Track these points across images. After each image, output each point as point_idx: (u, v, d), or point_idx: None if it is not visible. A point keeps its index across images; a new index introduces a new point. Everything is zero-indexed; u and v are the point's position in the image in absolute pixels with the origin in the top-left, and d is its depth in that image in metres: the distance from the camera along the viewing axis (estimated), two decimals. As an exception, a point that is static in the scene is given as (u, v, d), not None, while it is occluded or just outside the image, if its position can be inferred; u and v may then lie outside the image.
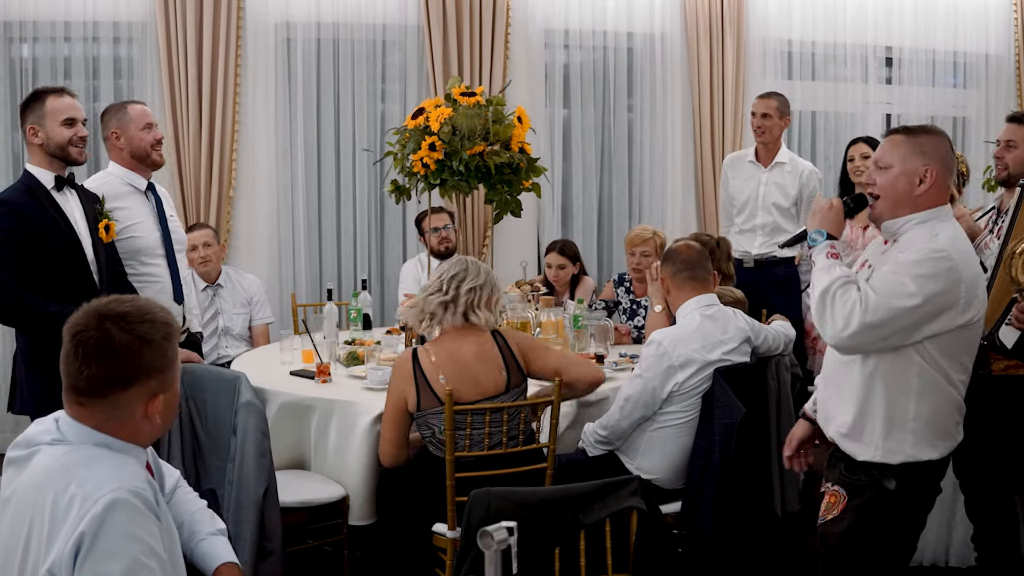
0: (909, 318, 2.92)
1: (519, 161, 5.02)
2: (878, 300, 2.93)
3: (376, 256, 7.32)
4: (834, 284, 3.02)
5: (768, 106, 6.33)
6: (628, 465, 4.20)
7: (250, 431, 3.79)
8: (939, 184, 3.07)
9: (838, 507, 3.12)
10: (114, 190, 4.46)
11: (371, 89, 7.17)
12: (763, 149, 6.46)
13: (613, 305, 5.94)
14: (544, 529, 2.57)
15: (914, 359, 3.00)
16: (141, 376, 2.22)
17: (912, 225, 3.08)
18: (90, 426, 2.23)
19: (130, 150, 4.52)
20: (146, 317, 2.24)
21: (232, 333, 6.22)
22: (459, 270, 4.00)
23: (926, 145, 3.08)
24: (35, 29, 6.55)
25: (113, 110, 4.60)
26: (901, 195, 3.07)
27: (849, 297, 2.98)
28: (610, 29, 7.50)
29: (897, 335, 2.96)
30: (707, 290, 4.35)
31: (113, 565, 2.03)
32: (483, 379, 3.93)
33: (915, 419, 3.01)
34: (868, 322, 2.93)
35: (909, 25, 7.91)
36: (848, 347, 3.04)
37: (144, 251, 4.49)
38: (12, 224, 3.93)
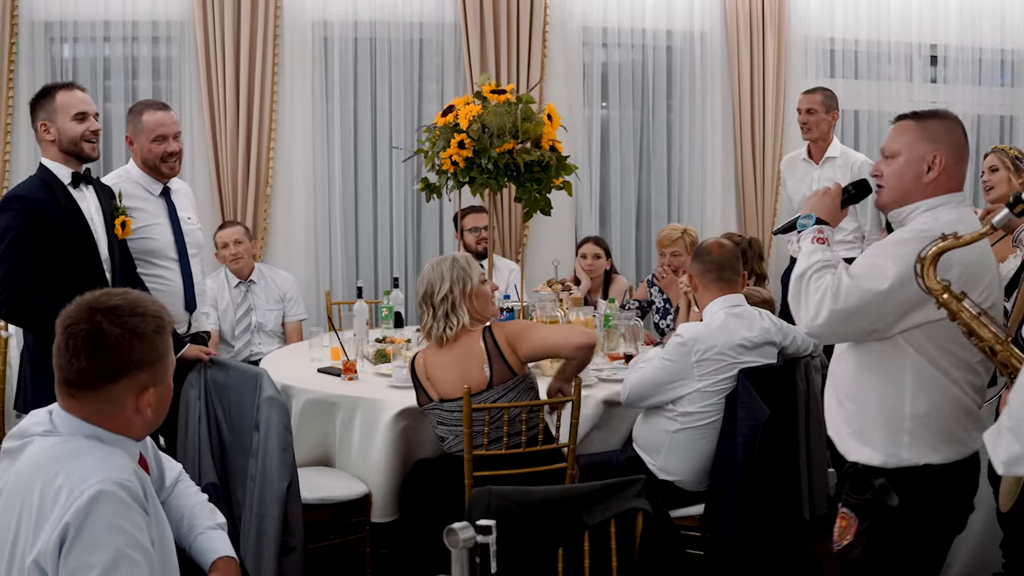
0: (886, 303, 2.76)
1: (549, 159, 4.99)
2: (851, 284, 2.78)
3: (412, 254, 7.32)
4: (810, 269, 2.88)
5: (813, 101, 6.26)
6: (651, 466, 4.16)
7: (273, 425, 3.80)
8: (948, 171, 2.90)
9: (850, 532, 2.95)
10: (129, 190, 4.42)
11: (408, 87, 7.16)
12: (813, 146, 6.40)
13: (647, 305, 5.90)
14: (545, 529, 2.54)
15: (906, 350, 2.82)
16: (131, 369, 2.22)
17: (919, 212, 2.92)
18: (81, 418, 2.24)
19: (141, 157, 4.49)
20: (136, 311, 2.24)
21: (265, 330, 6.24)
22: (424, 288, 4.04)
23: (936, 130, 2.92)
24: (75, 29, 6.62)
25: (132, 113, 4.53)
26: (909, 183, 2.92)
27: (823, 282, 2.82)
28: (649, 27, 7.43)
29: (876, 322, 2.80)
30: (734, 290, 4.30)
31: (97, 556, 2.03)
32: (467, 377, 3.93)
33: (912, 417, 2.83)
34: (839, 308, 2.78)
35: (955, 22, 7.75)
36: (821, 335, 2.92)
37: (155, 252, 4.47)
38: (25, 221, 3.87)
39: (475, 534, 1.75)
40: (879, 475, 2.87)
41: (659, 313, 5.86)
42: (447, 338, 3.98)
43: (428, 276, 4.04)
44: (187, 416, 4.14)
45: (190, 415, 4.14)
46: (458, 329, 3.97)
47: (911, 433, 2.84)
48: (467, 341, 3.99)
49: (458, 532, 1.75)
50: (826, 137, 6.35)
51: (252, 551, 3.76)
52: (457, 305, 3.98)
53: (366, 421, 4.28)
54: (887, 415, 2.86)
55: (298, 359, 5.15)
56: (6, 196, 3.99)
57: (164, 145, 4.45)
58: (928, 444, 2.84)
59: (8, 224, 3.87)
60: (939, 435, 2.84)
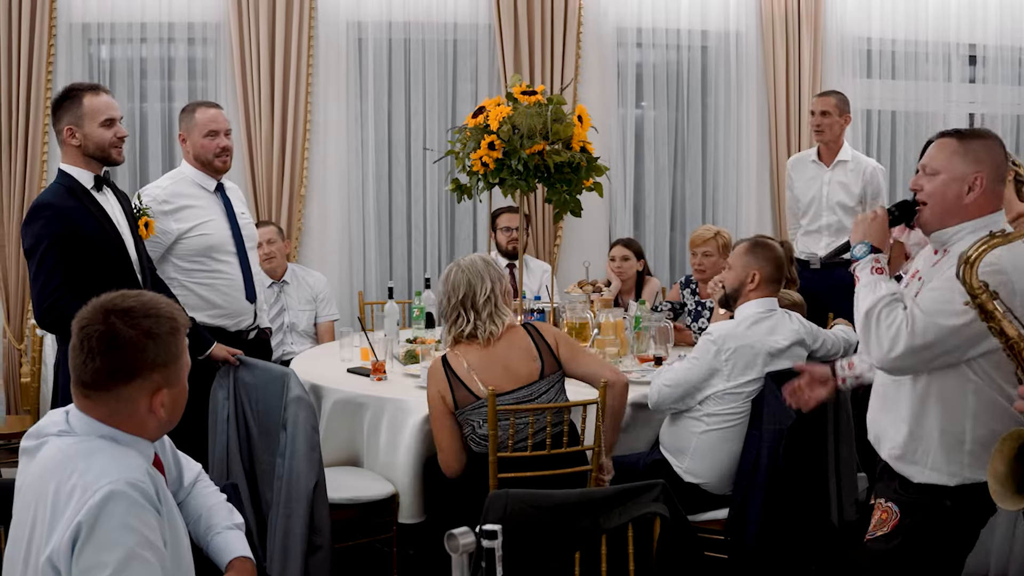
0: (959, 337, 2.78)
1: (579, 160, 4.98)
2: (926, 320, 2.79)
3: (447, 255, 7.32)
4: (879, 303, 2.88)
5: (827, 103, 6.23)
6: (677, 468, 4.15)
7: (300, 425, 3.83)
8: (989, 191, 2.92)
9: (889, 524, 2.97)
10: (184, 189, 4.55)
11: (442, 88, 7.17)
12: (824, 148, 6.35)
13: (679, 307, 5.88)
14: (562, 533, 2.53)
15: (969, 377, 2.85)
16: (144, 370, 2.24)
17: (964, 235, 2.91)
18: (96, 419, 2.26)
19: (194, 154, 4.59)
20: (150, 312, 2.26)
21: (297, 330, 6.27)
22: (463, 292, 3.93)
23: (979, 150, 2.92)
24: (112, 30, 6.68)
25: (185, 112, 4.66)
26: (950, 203, 2.93)
27: (895, 318, 2.83)
28: (684, 27, 7.40)
29: (948, 354, 2.82)
30: (775, 294, 4.27)
31: (108, 555, 2.05)
32: (516, 367, 3.91)
33: (972, 441, 2.85)
34: (915, 344, 2.79)
35: (994, 21, 7.65)
36: (895, 369, 2.91)
37: (216, 248, 4.55)
38: (57, 228, 3.84)
39: (475, 539, 1.75)
40: (942, 492, 2.90)
41: (691, 316, 5.83)
42: (495, 336, 3.93)
43: (465, 279, 3.94)
44: (216, 416, 4.18)
45: (219, 415, 4.18)
46: (504, 326, 3.94)
47: (972, 454, 2.86)
48: (511, 336, 3.96)
49: (458, 537, 1.75)
50: (838, 140, 6.32)
51: (278, 550, 3.78)
52: (500, 302, 3.95)
53: (394, 422, 4.29)
54: (948, 440, 2.88)
55: (328, 359, 5.18)
56: (35, 204, 3.93)
57: (216, 140, 4.57)
58: (985, 463, 2.79)
59: (40, 233, 3.84)
60: None
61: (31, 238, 3.87)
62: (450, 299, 3.95)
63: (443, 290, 3.99)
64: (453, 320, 3.96)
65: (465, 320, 3.93)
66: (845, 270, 6.01)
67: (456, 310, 3.95)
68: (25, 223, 3.91)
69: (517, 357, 3.93)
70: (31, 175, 6.46)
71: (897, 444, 3.00)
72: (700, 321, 5.74)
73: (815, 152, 6.42)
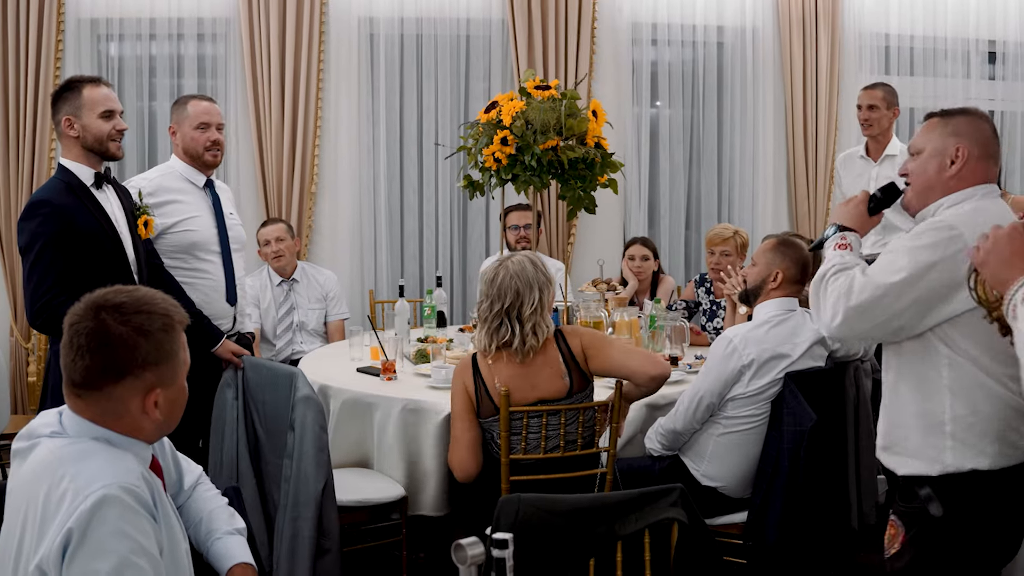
0: (904, 297, 2.65)
1: (594, 156, 4.89)
2: (864, 280, 2.69)
3: (459, 253, 7.26)
4: (829, 271, 2.80)
5: (874, 97, 6.10)
6: (694, 472, 4.05)
7: (308, 425, 3.75)
8: (972, 165, 2.81)
9: (898, 540, 2.83)
10: (171, 183, 4.44)
11: (454, 84, 7.10)
12: (872, 143, 6.24)
13: (694, 306, 5.79)
14: (576, 539, 2.44)
15: (940, 349, 2.71)
16: (135, 368, 2.15)
17: (943, 209, 2.81)
18: (88, 419, 2.17)
19: (183, 147, 4.47)
20: (142, 308, 2.17)
21: (307, 328, 6.21)
22: (510, 300, 3.72)
23: (961, 124, 2.83)
24: (121, 26, 6.63)
25: (177, 104, 4.55)
26: (932, 178, 2.84)
27: (838, 283, 2.74)
28: (699, 23, 7.32)
29: (898, 318, 2.68)
30: (796, 295, 4.17)
31: (101, 563, 1.96)
32: (542, 383, 3.76)
33: (952, 420, 2.70)
34: (852, 305, 2.68)
35: (1014, 18, 7.56)
36: (840, 336, 2.85)
37: (199, 245, 4.43)
38: (54, 227, 3.76)
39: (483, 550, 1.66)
40: (924, 484, 2.75)
41: (706, 315, 5.75)
42: (534, 350, 3.74)
43: (513, 287, 3.72)
44: (223, 416, 4.11)
45: (227, 415, 4.11)
46: (544, 338, 3.76)
47: (953, 436, 2.71)
48: (545, 349, 3.79)
49: (465, 548, 1.66)
50: (887, 134, 6.19)
51: (286, 553, 3.71)
52: (545, 312, 3.77)
53: (404, 422, 4.20)
54: (925, 421, 2.75)
55: (338, 358, 5.10)
56: (33, 201, 3.83)
57: (207, 133, 4.45)
58: (974, 447, 2.70)
59: (36, 231, 3.76)
60: (985, 437, 2.69)
61: (27, 235, 3.79)
62: (493, 305, 3.74)
63: (487, 292, 3.77)
64: (494, 328, 3.75)
65: (508, 331, 3.73)
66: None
67: (499, 318, 3.73)
68: (22, 219, 3.83)
69: (547, 376, 3.77)
70: (38, 172, 6.40)
71: (880, 433, 2.90)
72: (715, 320, 5.66)
73: (863, 148, 6.30)
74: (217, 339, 4.17)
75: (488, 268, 3.85)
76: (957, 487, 2.71)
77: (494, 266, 3.82)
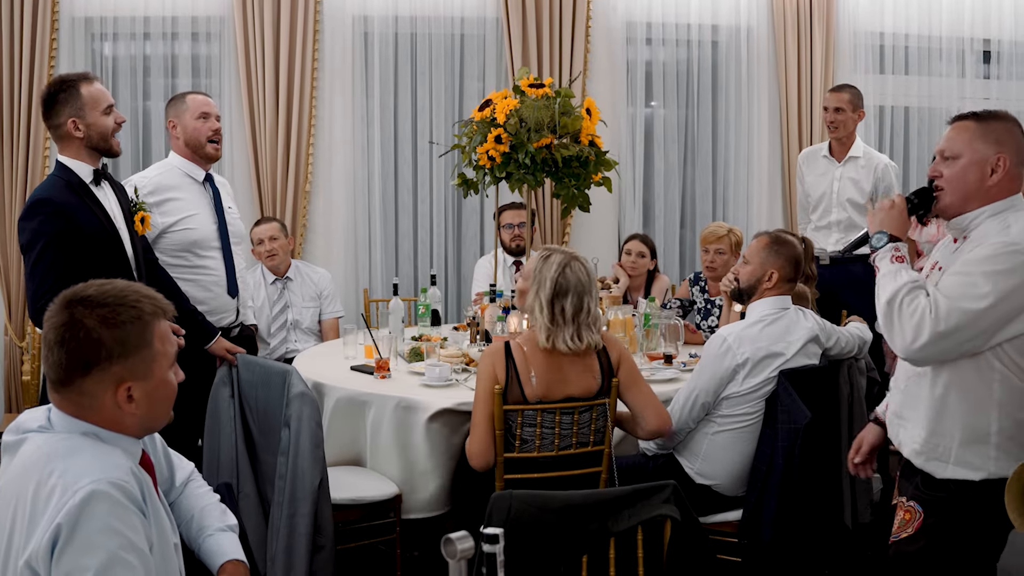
0: (984, 321, 2.68)
1: (588, 154, 4.89)
2: (949, 305, 2.68)
3: (453, 252, 7.25)
4: (900, 291, 2.78)
5: (840, 100, 6.17)
6: (688, 470, 4.05)
7: (304, 422, 3.73)
8: (1011, 173, 2.83)
9: (913, 525, 2.87)
10: (171, 180, 4.46)
11: (448, 83, 7.09)
12: (837, 144, 6.30)
13: (688, 304, 5.79)
14: (568, 536, 2.44)
15: (994, 365, 2.74)
16: (101, 361, 2.12)
17: (984, 219, 2.83)
18: (71, 415, 2.16)
19: (185, 139, 4.49)
20: (109, 300, 2.14)
21: (301, 327, 6.20)
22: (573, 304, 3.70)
23: (999, 131, 2.83)
24: (115, 25, 6.61)
25: (174, 100, 4.58)
26: (972, 187, 2.83)
27: (917, 305, 2.73)
28: (694, 22, 7.31)
29: (973, 341, 2.71)
30: (789, 292, 4.17)
31: (89, 559, 1.95)
32: (573, 381, 3.77)
33: (998, 432, 2.75)
34: (940, 331, 2.68)
35: (1009, 17, 7.56)
36: (921, 359, 2.79)
37: (200, 243, 4.45)
38: (57, 226, 3.76)
39: (473, 545, 1.65)
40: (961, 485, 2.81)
41: (701, 313, 5.74)
42: (576, 352, 3.75)
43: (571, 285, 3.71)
44: (218, 415, 4.10)
45: (222, 413, 4.10)
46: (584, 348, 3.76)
47: (998, 447, 2.77)
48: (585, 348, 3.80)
49: (455, 542, 1.65)
50: (851, 136, 6.26)
51: (282, 549, 3.69)
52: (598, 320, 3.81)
53: (398, 420, 4.20)
54: (972, 433, 2.79)
55: (332, 357, 5.09)
56: (34, 199, 3.82)
57: (209, 122, 4.49)
58: (1014, 456, 2.76)
59: (38, 230, 3.75)
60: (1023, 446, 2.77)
61: (28, 234, 3.77)
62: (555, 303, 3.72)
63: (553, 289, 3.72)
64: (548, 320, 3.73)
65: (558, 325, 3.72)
66: (855, 266, 6.00)
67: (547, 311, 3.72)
68: (23, 218, 3.81)
69: (579, 372, 3.78)
70: (32, 172, 6.39)
71: (918, 440, 2.89)
72: (710, 319, 5.65)
73: (827, 147, 6.36)
74: (211, 336, 4.16)
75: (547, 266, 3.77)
76: (996, 489, 2.74)
77: (557, 267, 3.75)
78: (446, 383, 4.39)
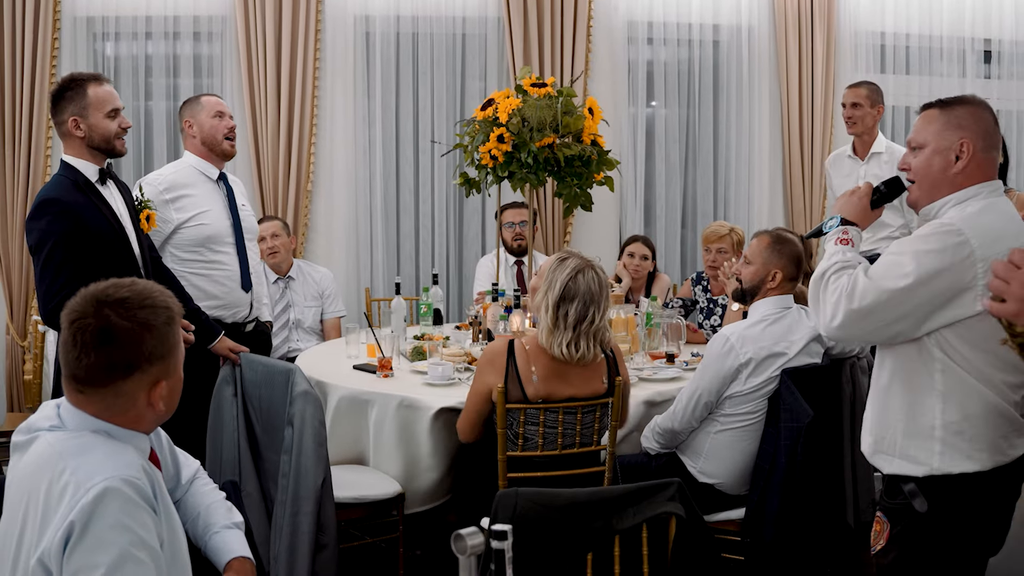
0: (907, 302, 2.60)
1: (590, 154, 4.90)
2: (867, 283, 2.63)
3: (454, 251, 7.26)
4: (829, 270, 2.74)
5: (858, 95, 6.11)
6: (691, 468, 4.06)
7: (308, 420, 3.73)
8: (979, 159, 2.73)
9: (883, 536, 2.81)
10: (186, 178, 4.53)
11: (450, 83, 7.10)
12: (858, 142, 6.24)
13: (691, 304, 5.80)
14: (573, 533, 2.44)
15: (934, 354, 2.66)
16: (143, 364, 2.14)
17: (949, 207, 2.75)
18: (90, 413, 2.17)
19: (201, 137, 4.57)
20: (146, 302, 2.16)
21: (303, 326, 6.20)
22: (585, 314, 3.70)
23: (963, 117, 2.74)
24: (117, 24, 6.62)
25: (188, 102, 4.67)
26: (937, 175, 2.75)
27: (840, 284, 2.69)
28: (695, 22, 7.32)
29: (898, 323, 2.64)
30: (792, 292, 4.17)
31: (101, 556, 1.96)
32: (577, 382, 3.78)
33: (942, 426, 2.67)
34: (855, 308, 2.63)
35: (1009, 16, 7.57)
36: (839, 337, 2.77)
37: (214, 239, 4.51)
38: (66, 225, 3.74)
39: (483, 540, 1.65)
40: (908, 481, 2.73)
41: (703, 313, 5.75)
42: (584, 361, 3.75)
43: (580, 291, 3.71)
44: (221, 413, 4.09)
45: (224, 412, 4.09)
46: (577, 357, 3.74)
47: (943, 442, 2.68)
48: None
49: (465, 538, 1.65)
50: (871, 132, 6.20)
51: (285, 548, 3.69)
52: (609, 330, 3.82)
53: (401, 419, 4.21)
54: (914, 424, 2.72)
55: (334, 356, 5.09)
56: (41, 199, 3.80)
57: (224, 120, 4.59)
58: (962, 453, 2.67)
59: (47, 229, 3.74)
60: (974, 443, 2.67)
61: (37, 234, 3.76)
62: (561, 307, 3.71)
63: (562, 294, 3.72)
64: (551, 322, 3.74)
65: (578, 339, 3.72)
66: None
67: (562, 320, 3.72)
68: (31, 218, 3.79)
69: (586, 377, 3.79)
70: (34, 172, 6.40)
71: (868, 430, 2.86)
72: (712, 318, 5.66)
73: (850, 147, 6.31)
74: (215, 335, 4.17)
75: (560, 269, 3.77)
76: (942, 487, 2.69)
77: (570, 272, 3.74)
78: (448, 382, 4.40)
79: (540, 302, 3.78)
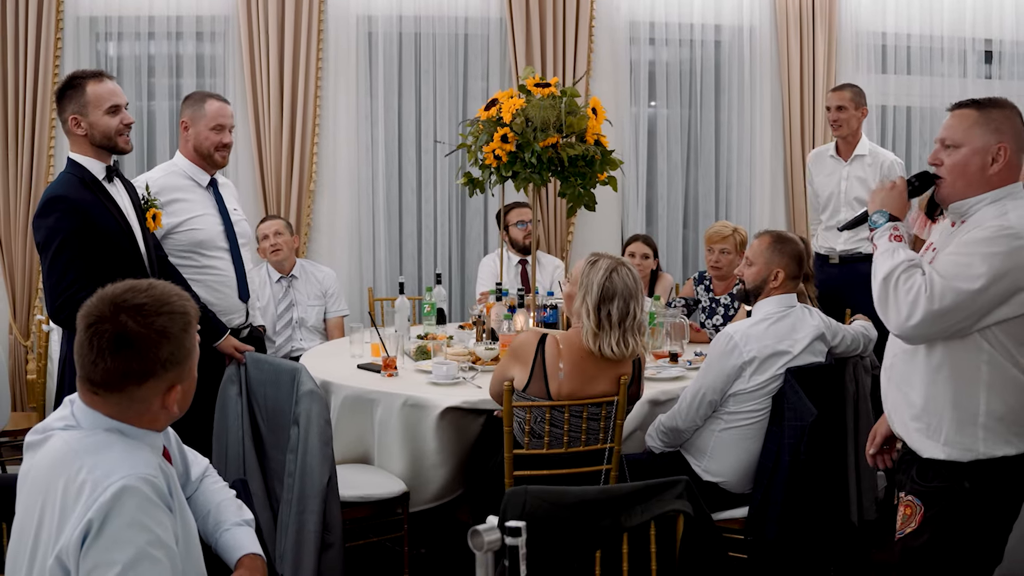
0: (977, 302, 2.71)
1: (594, 153, 4.91)
2: (944, 284, 2.72)
3: (457, 251, 7.27)
4: (897, 269, 2.80)
5: (842, 98, 6.17)
6: (695, 467, 4.07)
7: (314, 420, 3.75)
8: (1012, 162, 2.85)
9: (915, 519, 2.89)
10: (175, 182, 4.42)
11: (452, 83, 7.11)
12: (842, 143, 6.30)
13: (693, 303, 5.81)
14: (582, 531, 2.45)
15: (983, 347, 2.78)
16: (158, 370, 2.16)
17: (983, 205, 2.86)
18: (104, 413, 2.18)
19: (195, 144, 4.46)
20: (163, 308, 2.17)
21: (306, 325, 6.20)
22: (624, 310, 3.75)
23: (999, 120, 2.85)
24: (120, 24, 6.62)
25: (191, 100, 4.52)
26: (973, 175, 2.86)
27: (913, 283, 2.76)
28: (696, 22, 7.33)
29: (964, 322, 2.75)
30: (795, 291, 4.19)
31: (118, 554, 1.97)
32: (600, 381, 3.82)
33: (986, 414, 2.80)
34: (934, 309, 2.71)
35: (1010, 17, 7.57)
36: (914, 337, 2.82)
37: (206, 243, 4.41)
38: (74, 223, 3.74)
39: (500, 536, 1.66)
40: (952, 468, 2.83)
41: (706, 312, 5.76)
42: (613, 357, 3.79)
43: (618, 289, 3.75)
44: (226, 412, 4.11)
45: (230, 412, 4.11)
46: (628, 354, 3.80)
47: (985, 428, 2.81)
48: None
49: (483, 534, 1.66)
50: (856, 134, 6.26)
51: (291, 547, 3.71)
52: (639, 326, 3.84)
53: (406, 418, 4.23)
54: (961, 413, 2.82)
55: (338, 355, 5.11)
56: (49, 197, 3.80)
57: (221, 136, 4.46)
58: (1001, 437, 2.81)
59: (55, 226, 3.73)
60: (1012, 428, 2.81)
61: (44, 231, 3.76)
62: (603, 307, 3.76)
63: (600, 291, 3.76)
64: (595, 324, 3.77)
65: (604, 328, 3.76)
66: (864, 264, 5.97)
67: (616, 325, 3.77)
68: (38, 215, 3.79)
69: (611, 377, 3.83)
70: (38, 171, 6.40)
71: (910, 417, 2.93)
72: (715, 318, 5.67)
73: (833, 147, 6.36)
74: (221, 334, 4.17)
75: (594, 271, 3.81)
76: (986, 470, 2.81)
77: (604, 272, 3.79)
78: (453, 381, 4.41)
79: (580, 307, 3.81)
